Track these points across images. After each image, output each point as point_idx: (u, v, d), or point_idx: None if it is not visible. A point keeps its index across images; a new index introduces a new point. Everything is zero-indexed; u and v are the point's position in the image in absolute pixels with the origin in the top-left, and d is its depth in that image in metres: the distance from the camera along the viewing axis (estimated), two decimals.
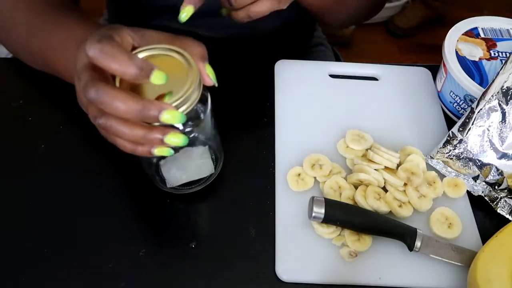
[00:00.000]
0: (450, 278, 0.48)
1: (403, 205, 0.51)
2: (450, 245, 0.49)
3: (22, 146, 0.56)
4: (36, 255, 0.47)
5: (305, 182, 0.52)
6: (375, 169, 0.52)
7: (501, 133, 0.52)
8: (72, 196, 0.52)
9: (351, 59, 0.71)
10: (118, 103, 0.36)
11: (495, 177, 0.53)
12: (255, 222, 0.51)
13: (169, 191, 0.51)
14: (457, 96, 0.59)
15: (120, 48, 0.37)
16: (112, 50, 0.36)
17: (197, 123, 0.44)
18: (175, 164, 0.50)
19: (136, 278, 0.46)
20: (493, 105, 0.52)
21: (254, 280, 0.47)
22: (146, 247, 0.48)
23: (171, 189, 0.51)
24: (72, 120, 0.58)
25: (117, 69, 0.36)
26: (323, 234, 0.49)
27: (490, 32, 0.63)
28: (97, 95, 0.36)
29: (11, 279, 0.46)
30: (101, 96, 0.36)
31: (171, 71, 0.39)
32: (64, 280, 0.46)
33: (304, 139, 0.57)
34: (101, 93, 0.36)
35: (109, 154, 0.55)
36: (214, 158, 0.52)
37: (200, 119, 0.45)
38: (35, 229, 0.49)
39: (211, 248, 0.49)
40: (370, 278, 0.47)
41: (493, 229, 0.48)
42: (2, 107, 0.59)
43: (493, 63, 0.60)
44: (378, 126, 0.59)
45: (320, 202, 0.47)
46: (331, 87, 0.63)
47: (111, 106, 0.36)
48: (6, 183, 0.52)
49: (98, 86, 0.36)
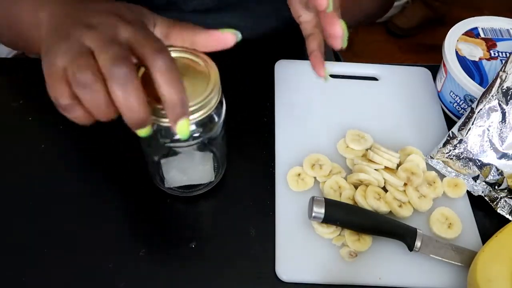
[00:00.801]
0: (450, 278, 0.48)
1: (403, 205, 0.51)
2: (450, 245, 0.49)
3: (22, 146, 0.56)
4: (36, 255, 0.47)
5: (305, 182, 0.52)
6: (375, 169, 0.52)
7: (501, 133, 0.52)
8: (72, 196, 0.52)
9: (351, 59, 0.71)
10: (134, 100, 0.34)
11: (495, 177, 0.53)
12: (255, 222, 0.51)
13: (166, 190, 0.51)
14: (457, 96, 0.59)
15: (177, 71, 0.35)
16: (172, 71, 0.35)
17: (207, 130, 0.44)
18: (176, 165, 0.50)
19: (136, 278, 0.46)
20: (493, 105, 0.52)
21: (254, 280, 0.47)
22: (146, 247, 0.48)
23: (168, 189, 0.51)
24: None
25: (166, 93, 0.35)
26: (323, 234, 0.49)
27: (490, 32, 0.63)
28: (125, 81, 0.34)
29: (11, 279, 0.46)
30: (128, 84, 0.34)
31: (191, 74, 0.39)
32: (64, 280, 0.46)
33: (304, 139, 0.57)
34: (129, 81, 0.34)
35: (109, 154, 0.55)
36: (216, 167, 0.52)
37: (211, 127, 0.44)
38: (35, 229, 0.49)
39: (211, 248, 0.49)
40: (370, 278, 0.47)
41: (493, 229, 0.48)
42: (2, 107, 0.59)
43: (493, 63, 0.60)
44: (378, 126, 0.59)
45: (320, 202, 0.47)
46: (331, 87, 0.63)
47: (128, 100, 0.34)
48: (6, 183, 0.52)
49: (133, 75, 0.34)
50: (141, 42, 0.35)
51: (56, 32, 0.38)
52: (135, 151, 0.52)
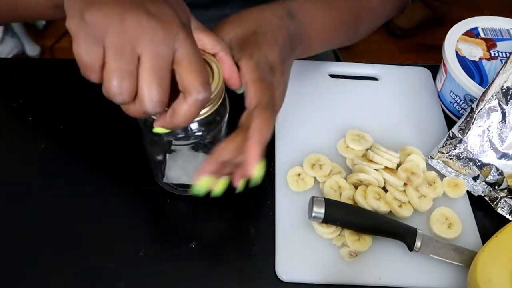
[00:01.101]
0: (450, 278, 0.48)
1: (403, 205, 0.51)
2: (450, 245, 0.49)
3: (22, 146, 0.56)
4: (36, 255, 0.47)
5: (305, 182, 0.52)
6: (375, 169, 0.52)
7: (501, 133, 0.52)
8: (72, 196, 0.52)
9: (351, 59, 0.71)
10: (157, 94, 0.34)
11: (495, 177, 0.53)
12: (255, 222, 0.51)
13: (164, 187, 0.51)
14: (457, 96, 0.59)
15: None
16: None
17: (211, 129, 0.44)
18: (179, 162, 0.50)
19: (136, 278, 0.46)
20: (493, 105, 0.52)
21: (254, 280, 0.47)
22: (146, 247, 0.48)
23: (166, 185, 0.51)
24: (72, 120, 0.58)
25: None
26: (323, 234, 0.49)
27: (490, 32, 0.63)
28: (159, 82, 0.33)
29: (11, 279, 0.46)
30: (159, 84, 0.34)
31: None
32: (64, 280, 0.46)
33: (304, 139, 0.57)
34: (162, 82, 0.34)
35: (109, 154, 0.55)
36: None
37: (215, 125, 0.44)
38: (35, 229, 0.49)
39: (211, 248, 0.49)
40: (370, 278, 0.47)
41: (493, 229, 0.48)
42: (2, 107, 0.59)
43: (493, 63, 0.60)
44: (378, 126, 0.59)
45: (320, 202, 0.47)
46: (331, 87, 0.63)
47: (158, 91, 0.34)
48: (6, 183, 0.52)
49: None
50: (187, 66, 0.34)
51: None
52: (135, 151, 0.52)
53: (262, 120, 0.39)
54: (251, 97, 0.40)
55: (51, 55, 1.75)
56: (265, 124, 0.39)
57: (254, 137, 0.38)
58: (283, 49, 0.45)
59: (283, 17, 0.48)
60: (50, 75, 0.62)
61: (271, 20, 0.46)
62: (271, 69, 0.43)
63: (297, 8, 0.50)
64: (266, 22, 0.46)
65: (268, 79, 0.42)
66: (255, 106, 0.39)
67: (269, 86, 0.42)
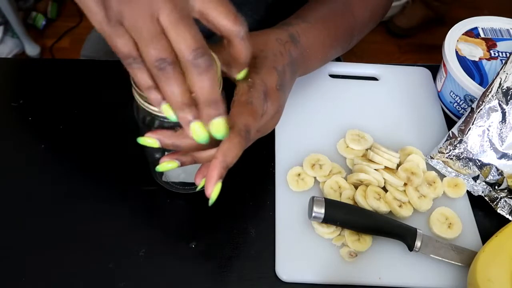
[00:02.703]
0: (450, 278, 0.48)
1: (403, 205, 0.51)
2: (450, 245, 0.49)
3: (22, 146, 0.56)
4: (36, 255, 0.47)
5: (305, 182, 0.52)
6: (375, 169, 0.52)
7: (501, 133, 0.52)
8: (72, 196, 0.52)
9: (351, 59, 0.71)
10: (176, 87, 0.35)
11: (495, 177, 0.53)
12: (255, 222, 0.51)
13: (163, 185, 0.51)
14: (457, 96, 0.59)
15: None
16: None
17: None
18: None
19: (136, 278, 0.46)
20: (493, 105, 0.52)
21: (254, 280, 0.47)
22: (146, 247, 0.48)
23: (165, 183, 0.51)
24: (72, 120, 0.58)
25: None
26: (323, 234, 0.49)
27: (490, 32, 0.63)
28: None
29: (10, 279, 0.46)
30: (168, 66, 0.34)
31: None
32: (64, 280, 0.46)
33: (304, 139, 0.57)
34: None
35: (110, 155, 0.55)
36: None
37: None
38: (34, 229, 0.49)
39: (211, 248, 0.49)
40: (370, 278, 0.47)
41: (493, 229, 0.48)
42: (2, 107, 0.59)
43: (493, 63, 0.60)
44: (378, 126, 0.59)
45: (320, 202, 0.47)
46: (331, 87, 0.63)
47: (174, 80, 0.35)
48: (6, 183, 0.52)
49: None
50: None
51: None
52: (136, 151, 0.52)
53: (229, 145, 0.38)
54: (229, 117, 0.40)
55: (51, 55, 1.75)
56: (231, 149, 0.38)
57: (218, 158, 0.38)
58: (281, 76, 0.45)
59: (286, 43, 0.48)
60: (50, 75, 0.62)
61: (273, 46, 0.47)
62: (266, 94, 0.43)
63: (300, 32, 0.50)
64: (268, 47, 0.46)
65: (255, 104, 0.41)
66: (230, 127, 0.39)
67: (252, 113, 0.41)
